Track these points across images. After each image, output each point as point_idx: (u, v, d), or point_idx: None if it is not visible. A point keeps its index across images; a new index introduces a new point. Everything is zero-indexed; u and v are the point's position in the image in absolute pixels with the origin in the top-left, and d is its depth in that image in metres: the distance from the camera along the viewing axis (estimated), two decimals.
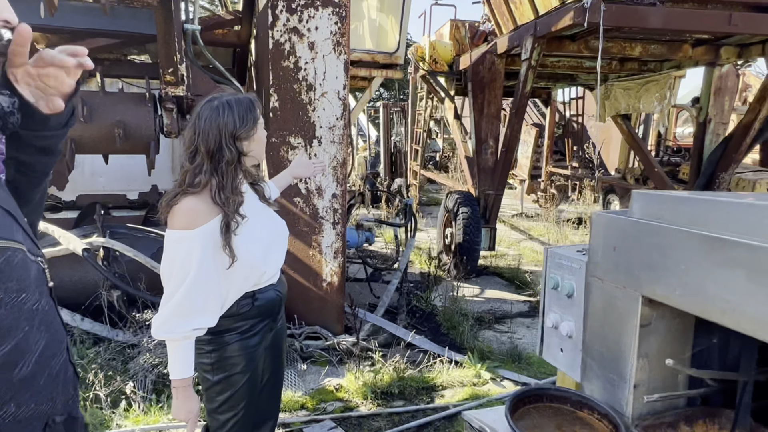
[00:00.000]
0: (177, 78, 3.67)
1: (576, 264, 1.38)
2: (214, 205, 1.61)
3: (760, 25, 4.50)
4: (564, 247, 1.50)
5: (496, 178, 5.95)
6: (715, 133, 6.45)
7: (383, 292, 4.99)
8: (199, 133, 1.61)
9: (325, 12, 3.75)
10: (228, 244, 1.62)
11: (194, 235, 1.57)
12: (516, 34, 5.51)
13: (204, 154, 1.61)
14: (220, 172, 1.61)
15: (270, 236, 1.85)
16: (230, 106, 1.63)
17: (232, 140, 1.62)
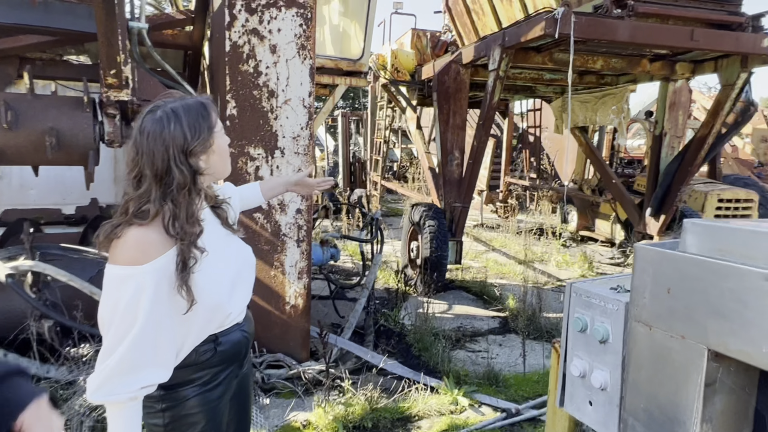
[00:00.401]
0: (121, 80, 3.27)
1: (612, 305, 1.17)
2: (167, 237, 1.31)
3: (718, 42, 4.60)
4: (590, 282, 1.29)
5: (462, 190, 5.82)
6: (671, 146, 6.61)
7: (349, 311, 4.72)
8: (143, 152, 1.30)
9: (289, 13, 3.48)
10: (185, 284, 1.32)
11: (144, 272, 1.27)
12: (483, 44, 5.42)
13: (151, 178, 1.30)
14: (172, 198, 1.31)
15: (236, 269, 1.56)
16: (177, 115, 1.32)
17: (183, 157, 1.32)
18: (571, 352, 1.32)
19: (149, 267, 1.27)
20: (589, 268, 6.95)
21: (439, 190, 6.22)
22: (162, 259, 1.30)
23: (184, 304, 1.33)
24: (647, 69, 5.87)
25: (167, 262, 1.30)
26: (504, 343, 4.56)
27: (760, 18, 4.68)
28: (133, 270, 1.26)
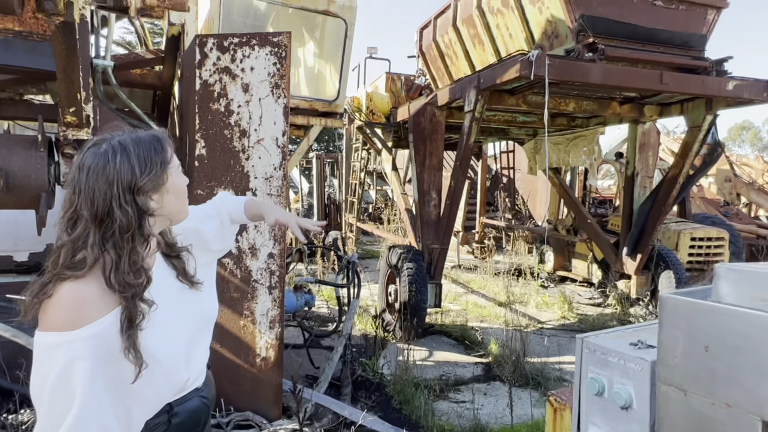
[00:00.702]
0: (81, 119, 3.08)
1: (634, 364, 1.01)
2: (108, 293, 1.10)
3: (686, 85, 4.72)
4: (606, 336, 1.14)
5: (440, 232, 5.70)
6: (643, 186, 6.71)
7: (324, 361, 4.43)
8: (80, 190, 1.12)
9: (263, 51, 3.38)
10: (132, 347, 1.10)
11: (78, 338, 1.05)
12: (458, 86, 5.46)
13: (88, 219, 1.10)
14: (114, 243, 1.11)
15: (194, 326, 1.34)
16: (125, 149, 1.15)
17: (129, 196, 1.13)
18: (585, 419, 1.14)
19: (85, 332, 1.05)
20: (569, 310, 6.84)
21: (416, 231, 6.09)
22: (104, 321, 1.09)
23: (132, 371, 1.11)
24: (617, 111, 6.01)
25: (109, 323, 1.09)
26: (489, 392, 4.33)
27: (723, 62, 4.85)
28: (64, 336, 1.04)
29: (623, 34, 4.64)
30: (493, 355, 5.04)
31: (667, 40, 4.81)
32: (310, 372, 4.53)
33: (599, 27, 4.52)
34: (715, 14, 4.98)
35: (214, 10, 4.20)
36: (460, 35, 6.32)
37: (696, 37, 4.93)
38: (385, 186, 16.42)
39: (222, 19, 4.24)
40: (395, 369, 4.41)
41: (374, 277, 8.19)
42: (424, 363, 4.97)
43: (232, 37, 3.36)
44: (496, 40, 5.70)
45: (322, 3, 4.57)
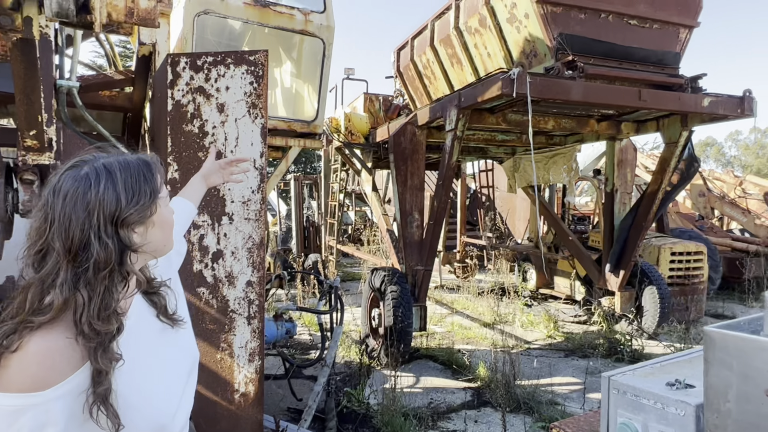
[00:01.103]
0: (42, 142, 2.88)
1: (675, 408, 0.89)
2: (79, 341, 0.93)
3: (663, 101, 4.77)
4: (633, 375, 1.01)
5: (424, 253, 5.58)
6: (622, 202, 6.74)
7: (306, 392, 4.22)
8: (53, 218, 0.95)
9: (238, 71, 3.25)
10: (103, 404, 0.92)
11: (48, 399, 0.88)
12: (438, 105, 5.41)
13: (61, 253, 0.94)
14: (87, 282, 0.94)
15: (183, 373, 1.17)
16: (110, 174, 1.00)
17: (111, 228, 0.97)
18: None
19: (56, 391, 0.89)
20: (555, 328, 6.75)
21: (399, 253, 5.96)
22: (77, 375, 0.92)
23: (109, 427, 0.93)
24: (595, 129, 6.05)
25: (84, 378, 0.93)
26: (480, 419, 4.17)
27: (698, 79, 4.93)
28: (30, 399, 0.87)
29: (600, 53, 4.68)
30: (481, 379, 4.89)
31: (643, 58, 4.87)
32: (292, 404, 4.30)
33: (577, 45, 4.54)
34: (687, 33, 5.08)
35: (186, 30, 4.07)
36: (437, 55, 6.32)
37: (670, 54, 5.01)
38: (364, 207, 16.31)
39: (195, 39, 4.11)
40: (382, 398, 4.21)
41: (356, 300, 7.99)
42: (412, 390, 4.78)
43: (206, 56, 3.22)
44: (474, 60, 5.70)
45: (299, 22, 4.49)
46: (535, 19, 4.56)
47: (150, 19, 2.44)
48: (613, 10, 4.69)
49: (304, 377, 5.03)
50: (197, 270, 3.19)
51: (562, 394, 4.67)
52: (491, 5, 5.06)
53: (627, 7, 4.74)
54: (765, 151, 65.61)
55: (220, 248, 3.21)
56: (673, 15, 4.94)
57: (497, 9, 5.01)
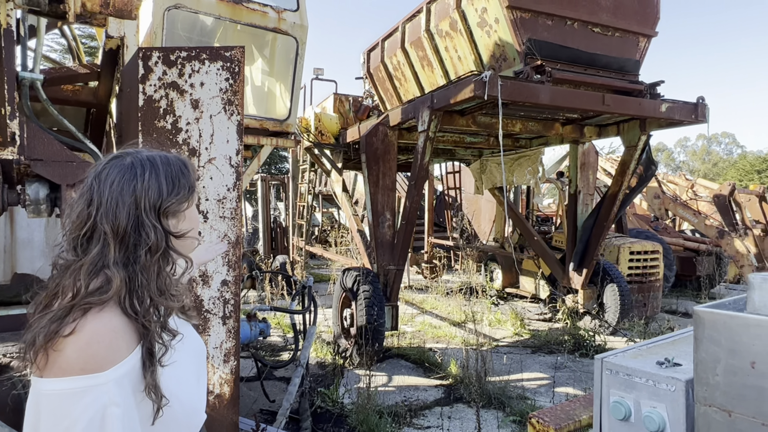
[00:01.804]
0: (5, 137, 2.75)
1: (666, 384, 0.95)
2: (130, 323, 0.94)
3: (625, 106, 4.99)
4: (624, 356, 1.07)
5: (396, 252, 5.63)
6: (585, 203, 6.99)
7: (279, 393, 4.17)
8: (100, 203, 0.98)
9: (213, 66, 3.20)
10: (154, 384, 0.94)
11: (110, 380, 0.89)
12: (410, 106, 5.47)
13: (109, 236, 0.97)
14: (138, 263, 0.97)
15: (199, 363, 1.20)
16: (154, 166, 1.04)
17: (155, 216, 1.01)
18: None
19: (116, 372, 0.90)
20: (521, 326, 6.93)
21: (371, 253, 5.98)
22: (133, 356, 0.94)
23: (151, 408, 0.95)
24: (560, 132, 6.25)
25: (138, 359, 0.95)
26: (453, 415, 4.23)
27: (656, 86, 5.18)
28: (92, 380, 0.87)
29: (566, 58, 4.85)
30: (453, 376, 4.97)
31: (606, 64, 5.09)
32: (265, 406, 4.24)
33: (544, 51, 4.70)
34: (646, 42, 5.33)
35: (156, 24, 3.96)
36: (408, 57, 6.39)
37: (631, 62, 5.25)
38: (331, 208, 16.24)
39: (165, 34, 4.01)
40: (356, 397, 4.22)
41: (325, 302, 7.95)
42: (385, 389, 4.81)
43: (179, 51, 3.15)
44: (445, 63, 5.80)
45: (272, 20, 4.45)
46: (505, 24, 4.69)
47: (126, 11, 2.41)
48: (578, 18, 4.88)
49: (276, 379, 4.98)
50: None
51: (531, 388, 4.80)
52: (462, 9, 5.16)
53: (591, 15, 4.94)
54: (711, 156, 69.42)
55: None
56: (633, 24, 5.17)
57: (468, 13, 5.12)
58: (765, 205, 9.79)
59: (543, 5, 4.72)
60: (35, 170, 2.83)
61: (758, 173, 56.48)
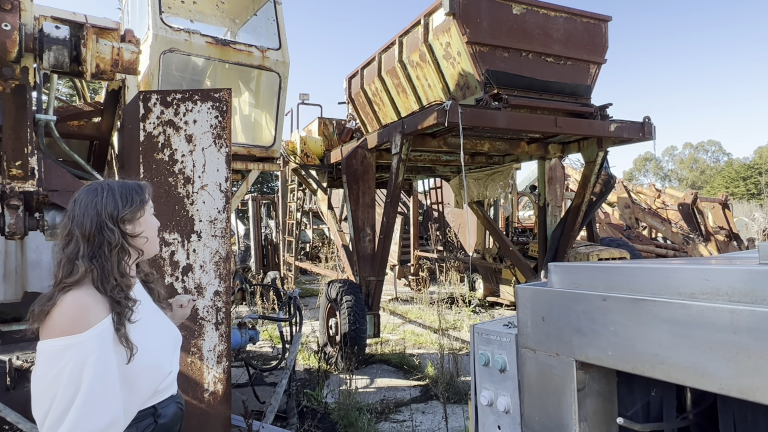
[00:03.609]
0: (26, 171, 3.22)
1: (505, 338, 1.43)
2: (101, 299, 1.37)
3: (577, 127, 5.54)
4: (489, 323, 1.55)
5: (376, 264, 6.09)
6: (553, 215, 7.52)
7: (268, 397, 4.58)
8: (73, 217, 1.43)
9: (204, 106, 3.70)
10: (124, 337, 1.37)
11: (86, 339, 1.29)
12: (385, 131, 6.00)
13: (79, 237, 1.40)
14: (102, 256, 1.40)
15: (168, 338, 1.63)
16: (111, 188, 1.48)
17: (113, 222, 1.43)
18: (479, 386, 1.54)
19: (91, 333, 1.30)
20: None
21: (353, 266, 6.44)
22: (104, 322, 1.34)
23: (125, 354, 1.37)
24: (526, 150, 6.80)
25: (108, 323, 1.35)
26: (427, 410, 4.67)
27: (605, 108, 5.74)
28: (73, 339, 1.28)
29: (522, 86, 5.41)
30: (429, 377, 5.40)
31: (559, 90, 5.65)
32: (255, 407, 4.65)
33: (502, 80, 5.25)
34: (596, 68, 5.91)
35: (153, 66, 4.46)
36: (385, 84, 6.94)
37: (582, 87, 5.82)
38: (322, 225, 16.68)
39: (161, 75, 4.51)
40: (339, 397, 4.64)
41: (314, 315, 8.39)
42: (366, 390, 5.23)
43: (175, 93, 3.65)
44: (417, 90, 6.35)
45: (256, 59, 4.97)
46: (466, 56, 5.24)
47: (132, 68, 2.90)
48: (532, 50, 5.45)
49: (265, 384, 5.39)
50: (168, 283, 3.56)
51: None
52: (429, 43, 5.72)
53: (544, 47, 5.51)
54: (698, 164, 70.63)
55: (189, 262, 3.61)
56: (584, 53, 5.75)
57: (434, 47, 5.68)
58: (728, 212, 10.40)
59: (499, 39, 5.28)
60: (52, 199, 3.28)
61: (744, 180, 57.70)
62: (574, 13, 5.70)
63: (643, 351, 1.07)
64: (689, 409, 1.23)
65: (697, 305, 1.00)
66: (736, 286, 0.99)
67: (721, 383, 0.95)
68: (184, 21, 5.58)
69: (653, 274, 1.12)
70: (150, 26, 4.50)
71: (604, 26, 5.90)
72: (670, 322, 1.03)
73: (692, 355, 0.99)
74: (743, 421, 1.09)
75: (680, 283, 1.08)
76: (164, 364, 1.52)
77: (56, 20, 2.68)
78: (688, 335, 1.01)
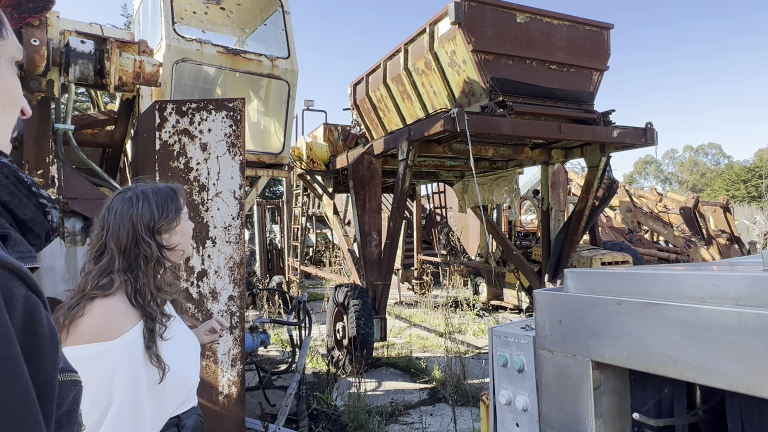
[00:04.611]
0: (47, 180, 3.31)
1: (523, 340, 1.52)
2: (131, 308, 1.36)
3: (580, 133, 5.63)
4: (506, 326, 1.64)
5: (382, 269, 6.17)
6: (557, 219, 7.60)
7: (279, 400, 4.66)
8: (108, 227, 1.39)
9: (219, 115, 3.79)
10: (157, 354, 1.36)
11: (118, 347, 1.28)
12: (391, 137, 6.09)
13: (114, 251, 1.38)
14: (138, 269, 1.39)
15: (192, 349, 1.65)
16: (146, 196, 1.44)
17: (149, 234, 1.41)
18: (498, 385, 1.62)
19: (122, 341, 1.29)
20: None
21: (360, 270, 6.52)
22: (133, 331, 1.34)
23: (157, 373, 1.36)
24: (529, 155, 6.89)
25: (137, 334, 1.35)
26: (435, 413, 4.74)
27: (608, 114, 5.84)
28: (104, 346, 1.26)
29: (526, 93, 5.50)
30: (436, 380, 5.48)
31: (563, 96, 5.75)
32: (266, 411, 4.72)
33: (506, 87, 5.35)
34: (599, 75, 6.01)
35: (166, 76, 4.56)
36: (390, 91, 7.05)
37: (585, 93, 5.91)
38: (325, 229, 16.77)
39: (174, 84, 4.61)
40: (348, 399, 4.72)
41: (320, 318, 8.45)
42: (375, 393, 5.31)
43: (190, 103, 3.75)
44: (422, 97, 6.45)
45: (266, 67, 5.08)
46: (472, 64, 5.34)
47: (153, 80, 2.99)
48: (536, 57, 5.55)
49: (275, 387, 5.46)
50: (184, 288, 3.64)
51: None
52: (435, 51, 5.83)
53: (548, 54, 5.61)
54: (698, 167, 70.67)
55: (204, 268, 3.70)
56: (586, 61, 5.85)
57: (440, 54, 5.78)
58: (729, 215, 10.49)
59: (504, 48, 5.38)
60: (72, 207, 3.37)
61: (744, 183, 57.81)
62: (576, 21, 5.80)
63: (656, 351, 1.16)
64: (699, 405, 1.31)
65: (706, 309, 1.09)
66: (743, 291, 1.08)
67: (730, 381, 1.04)
68: (195, 31, 5.69)
69: (665, 280, 1.20)
70: (163, 36, 4.60)
71: (606, 34, 6.00)
72: (682, 324, 1.12)
73: (702, 354, 1.08)
74: (750, 416, 1.17)
75: (690, 288, 1.16)
76: (191, 375, 1.55)
77: (81, 35, 2.78)
78: (698, 336, 1.09)
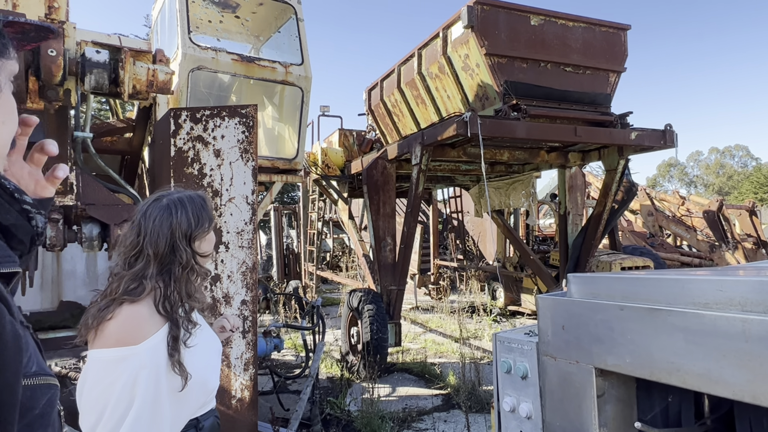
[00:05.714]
0: (66, 187, 3.40)
1: (527, 346, 1.49)
2: (155, 314, 1.39)
3: (596, 136, 5.54)
4: (511, 331, 1.61)
5: (397, 274, 6.16)
6: (574, 223, 7.49)
7: (292, 404, 4.67)
8: (146, 234, 1.43)
9: (232, 122, 3.84)
10: (179, 361, 1.38)
11: (141, 351, 1.31)
12: (405, 142, 6.09)
13: (151, 257, 1.42)
14: (172, 277, 1.43)
15: (215, 351, 1.68)
16: (183, 205, 1.49)
17: (186, 241, 1.46)
18: (502, 392, 1.60)
19: (146, 345, 1.33)
20: None
21: (374, 275, 6.52)
22: (158, 335, 1.37)
23: (179, 381, 1.38)
24: (545, 159, 6.81)
25: (161, 339, 1.37)
26: (449, 419, 4.69)
27: (626, 116, 5.74)
28: (128, 351, 1.30)
29: (541, 96, 5.45)
30: (451, 386, 5.42)
31: (578, 99, 5.67)
32: (279, 415, 4.74)
33: (521, 90, 5.30)
34: (616, 77, 5.92)
35: (182, 84, 4.65)
36: (404, 96, 7.05)
37: (602, 96, 5.82)
38: (342, 234, 16.83)
39: (190, 92, 4.70)
40: (362, 405, 4.70)
41: (335, 323, 8.47)
42: (388, 398, 5.28)
43: (204, 110, 3.80)
44: (436, 101, 6.44)
45: (280, 74, 5.13)
46: (485, 68, 5.31)
47: (166, 88, 3.05)
48: (551, 60, 5.49)
49: (289, 392, 5.48)
50: None
51: None
52: (448, 55, 5.81)
53: (563, 57, 5.55)
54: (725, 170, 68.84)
55: (217, 272, 3.73)
56: (603, 62, 5.77)
57: (453, 59, 5.76)
58: (755, 219, 10.18)
59: (518, 50, 5.34)
60: (90, 213, 3.45)
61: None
62: (592, 23, 5.73)
63: (659, 358, 1.13)
64: (707, 414, 1.27)
65: (710, 314, 1.05)
66: (749, 297, 1.04)
67: (734, 389, 1.00)
68: (211, 39, 5.79)
69: (668, 285, 1.17)
70: (179, 45, 4.69)
71: (623, 35, 5.91)
72: (685, 330, 1.08)
73: (706, 362, 1.04)
74: (760, 426, 1.13)
75: (695, 293, 1.13)
76: (213, 379, 1.56)
77: (96, 45, 2.85)
78: (702, 343, 1.06)
